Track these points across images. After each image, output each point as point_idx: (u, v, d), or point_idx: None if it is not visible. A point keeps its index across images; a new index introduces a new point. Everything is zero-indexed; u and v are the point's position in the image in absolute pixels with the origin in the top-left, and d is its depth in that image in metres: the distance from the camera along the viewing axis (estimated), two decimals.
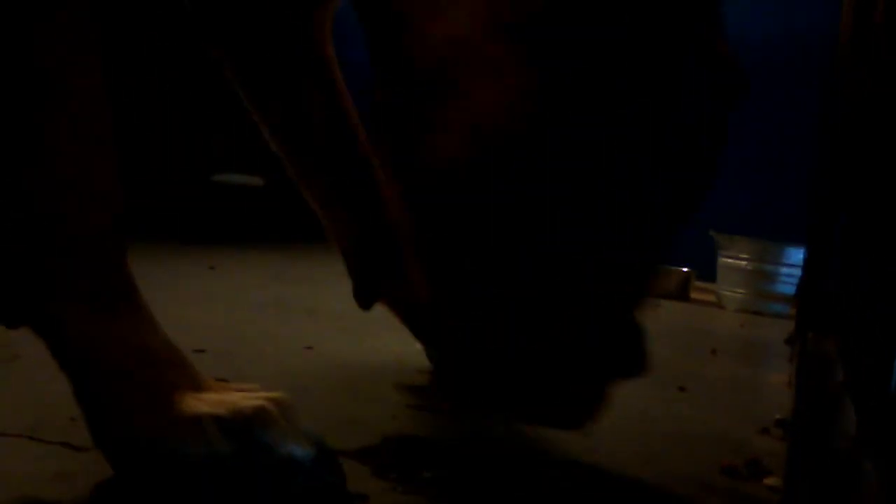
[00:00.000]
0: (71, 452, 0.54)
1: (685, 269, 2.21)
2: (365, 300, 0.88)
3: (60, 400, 0.63)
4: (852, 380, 0.54)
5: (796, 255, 2.05)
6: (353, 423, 0.68)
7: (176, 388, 0.50)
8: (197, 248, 1.71)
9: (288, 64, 0.74)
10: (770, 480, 0.65)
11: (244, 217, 2.09)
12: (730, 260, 2.18)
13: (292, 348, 0.95)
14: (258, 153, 2.09)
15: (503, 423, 0.75)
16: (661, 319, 1.66)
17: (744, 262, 2.15)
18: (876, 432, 0.43)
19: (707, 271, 2.28)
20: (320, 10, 0.74)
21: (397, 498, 0.53)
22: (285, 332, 1.05)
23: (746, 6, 2.26)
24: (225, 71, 0.76)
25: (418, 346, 0.90)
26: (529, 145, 0.46)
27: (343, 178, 0.80)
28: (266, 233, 2.05)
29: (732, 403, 0.97)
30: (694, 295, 2.27)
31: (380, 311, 0.90)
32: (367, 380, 0.85)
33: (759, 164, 2.64)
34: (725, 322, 1.90)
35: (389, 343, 0.96)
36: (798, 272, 1.79)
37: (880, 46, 0.57)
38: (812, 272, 1.01)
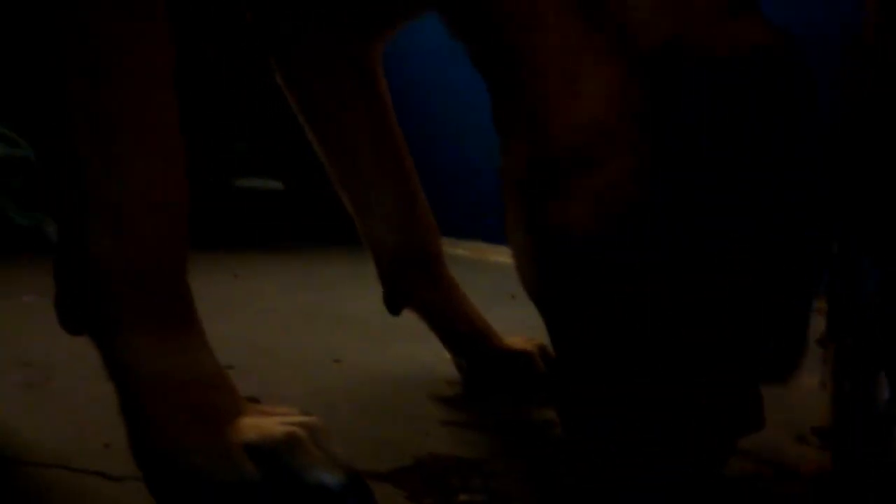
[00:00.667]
0: (107, 483, 0.55)
1: None
2: (395, 304, 0.89)
3: (95, 425, 0.63)
4: None
5: None
6: (384, 442, 0.67)
7: (216, 413, 0.51)
8: (220, 254, 1.71)
9: (343, 85, 0.83)
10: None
11: (266, 221, 2.09)
12: None
13: (320, 362, 0.95)
14: (278, 157, 2.10)
15: (536, 438, 0.74)
16: None
17: None
18: None
19: None
20: (374, 41, 0.83)
21: None
22: (312, 344, 1.04)
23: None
24: (280, 82, 0.84)
25: (447, 354, 0.89)
26: (655, 213, 0.52)
27: (383, 186, 0.85)
28: (288, 237, 2.05)
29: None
30: None
31: (406, 318, 0.90)
32: (397, 394, 0.84)
33: None
34: None
35: (417, 352, 0.96)
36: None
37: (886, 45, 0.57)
38: (843, 272, 0.99)
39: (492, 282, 1.48)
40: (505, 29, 0.56)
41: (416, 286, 0.88)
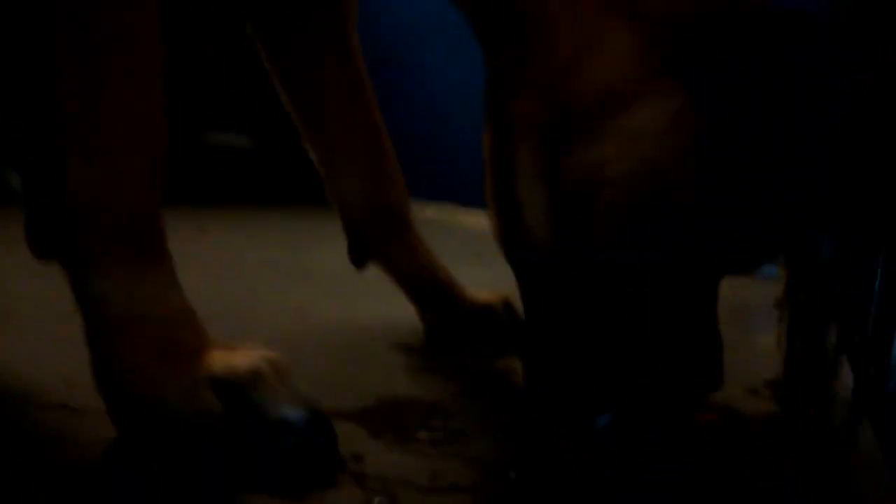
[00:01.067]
0: (69, 414, 0.55)
1: None
2: (360, 257, 0.89)
3: (54, 361, 0.63)
4: (850, 345, 0.55)
5: None
6: (347, 384, 0.68)
7: (182, 347, 0.51)
8: (186, 209, 1.69)
9: (315, 39, 0.83)
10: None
11: (233, 177, 2.07)
12: None
13: (284, 310, 0.95)
14: (246, 113, 2.07)
15: (496, 384, 0.75)
16: None
17: None
18: (876, 398, 0.44)
19: None
20: None
21: (392, 459, 0.54)
22: (277, 295, 1.05)
23: None
24: (253, 38, 0.84)
25: (411, 308, 0.90)
26: (694, 171, 0.51)
27: (353, 140, 0.85)
28: (254, 193, 2.04)
29: None
30: None
31: (372, 273, 0.90)
32: (361, 341, 0.85)
33: None
34: None
35: (382, 305, 0.96)
36: None
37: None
38: (802, 242, 1.01)
39: (459, 243, 1.49)
40: None
41: (382, 240, 0.88)
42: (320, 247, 1.43)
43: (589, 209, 0.52)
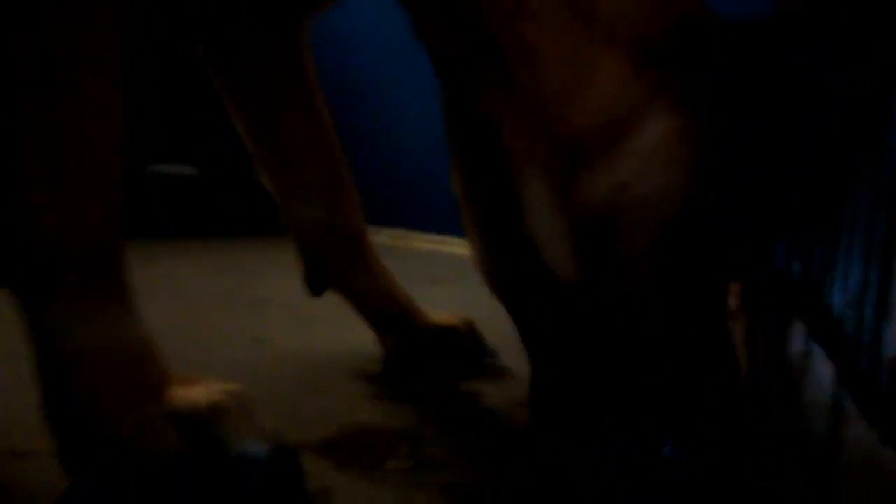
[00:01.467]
0: (13, 458, 0.52)
1: None
2: (317, 284, 0.87)
3: None
4: (830, 346, 0.55)
5: None
6: (311, 416, 0.66)
7: (142, 383, 0.49)
8: (133, 240, 1.65)
9: (271, 64, 0.81)
10: None
11: (179, 207, 2.03)
12: None
13: (241, 342, 0.93)
14: (192, 143, 2.04)
15: (461, 408, 0.74)
16: None
17: None
18: (865, 404, 0.43)
19: None
20: (302, 21, 0.82)
21: (362, 491, 0.52)
22: (232, 326, 1.02)
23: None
24: (206, 66, 0.82)
25: (370, 335, 0.88)
26: (707, 179, 0.51)
27: (310, 165, 0.84)
28: (202, 224, 2.00)
29: None
30: None
31: (327, 302, 0.89)
32: (322, 371, 0.83)
33: None
34: None
35: (340, 332, 0.94)
36: None
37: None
38: (757, 253, 1.03)
39: (412, 267, 1.48)
40: (497, 24, 0.54)
41: (340, 265, 0.86)
42: (271, 275, 1.41)
43: (612, 233, 0.52)
